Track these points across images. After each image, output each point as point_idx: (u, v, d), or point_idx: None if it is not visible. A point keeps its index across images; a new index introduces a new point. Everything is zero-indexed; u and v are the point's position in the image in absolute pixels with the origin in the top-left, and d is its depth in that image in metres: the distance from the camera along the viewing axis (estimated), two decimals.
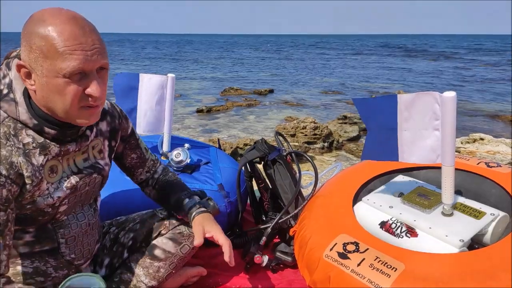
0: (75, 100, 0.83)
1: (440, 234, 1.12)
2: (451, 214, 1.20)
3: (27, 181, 0.87)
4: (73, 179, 0.97)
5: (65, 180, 0.96)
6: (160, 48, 34.92)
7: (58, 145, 0.92)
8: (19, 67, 0.83)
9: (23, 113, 0.86)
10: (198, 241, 1.10)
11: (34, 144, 0.88)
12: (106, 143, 1.11)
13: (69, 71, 0.79)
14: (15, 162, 0.84)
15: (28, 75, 0.83)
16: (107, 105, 1.12)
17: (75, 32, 0.79)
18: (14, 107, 0.86)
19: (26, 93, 0.87)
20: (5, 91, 0.87)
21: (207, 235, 1.13)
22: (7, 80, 0.88)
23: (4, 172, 0.82)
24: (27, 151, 0.87)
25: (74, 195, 1.00)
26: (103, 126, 1.09)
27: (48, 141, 0.90)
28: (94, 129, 1.04)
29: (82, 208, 1.08)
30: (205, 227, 1.14)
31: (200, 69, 15.90)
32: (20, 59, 0.85)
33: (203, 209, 1.19)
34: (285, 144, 1.81)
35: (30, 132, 0.88)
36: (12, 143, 0.85)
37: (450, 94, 1.07)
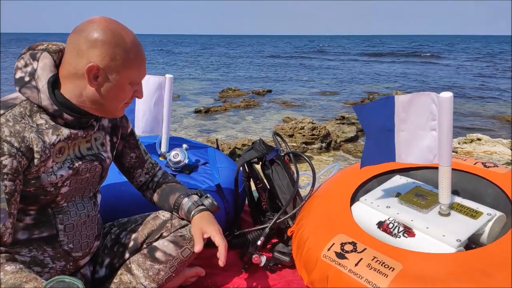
0: (126, 99, 1.03)
1: (437, 234, 1.13)
2: (448, 214, 1.20)
3: (36, 155, 0.95)
4: (76, 163, 1.06)
5: (69, 162, 1.04)
6: (157, 48, 34.88)
7: (68, 129, 1.02)
8: (92, 69, 0.94)
9: (44, 99, 0.96)
10: (198, 247, 1.15)
11: (47, 125, 0.98)
12: (108, 138, 1.18)
13: (137, 80, 1.02)
14: (27, 137, 0.93)
15: (96, 77, 0.96)
16: None
17: (141, 50, 1.01)
18: (36, 94, 0.96)
19: (50, 83, 0.97)
20: (27, 79, 0.97)
21: (205, 236, 1.14)
22: (29, 68, 0.97)
23: (16, 144, 0.90)
24: (40, 130, 0.97)
25: (75, 179, 1.06)
26: (105, 122, 1.17)
27: (59, 125, 1.00)
28: (98, 123, 1.13)
29: (82, 198, 1.12)
30: (203, 228, 1.16)
31: (198, 70, 15.89)
32: (49, 52, 0.98)
33: (202, 207, 1.22)
34: (283, 144, 1.82)
35: (44, 115, 0.98)
36: (26, 121, 0.95)
37: (447, 95, 1.08)
